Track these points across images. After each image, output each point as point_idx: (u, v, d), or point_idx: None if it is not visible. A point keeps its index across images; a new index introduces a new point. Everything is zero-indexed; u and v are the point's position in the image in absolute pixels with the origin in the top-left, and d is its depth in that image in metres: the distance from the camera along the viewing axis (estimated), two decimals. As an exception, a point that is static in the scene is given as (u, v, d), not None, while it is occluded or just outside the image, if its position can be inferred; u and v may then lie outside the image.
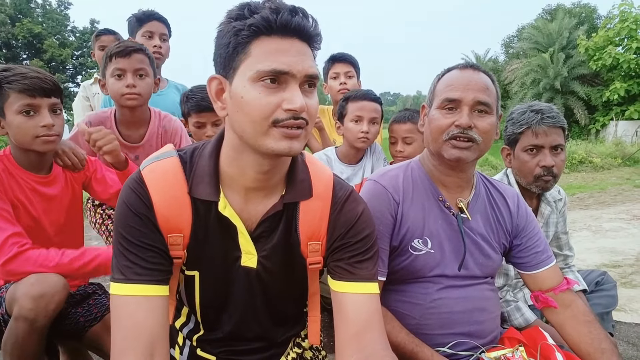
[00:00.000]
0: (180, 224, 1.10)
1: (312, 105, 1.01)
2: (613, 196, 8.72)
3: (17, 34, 32.64)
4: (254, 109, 0.97)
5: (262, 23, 0.95)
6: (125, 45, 2.06)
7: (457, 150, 1.36)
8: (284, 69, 0.95)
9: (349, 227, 1.17)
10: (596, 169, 13.41)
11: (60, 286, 1.47)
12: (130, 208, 1.06)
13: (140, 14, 2.78)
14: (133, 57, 2.05)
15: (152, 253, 1.07)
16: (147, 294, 1.03)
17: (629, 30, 19.69)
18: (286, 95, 0.97)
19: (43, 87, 1.62)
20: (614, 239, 5.37)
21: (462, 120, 1.34)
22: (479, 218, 1.49)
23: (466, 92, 1.36)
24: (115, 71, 2.04)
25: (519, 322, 1.80)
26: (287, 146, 0.99)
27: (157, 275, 1.06)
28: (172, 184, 1.09)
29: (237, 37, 0.97)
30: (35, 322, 1.40)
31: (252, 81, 0.97)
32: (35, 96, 1.61)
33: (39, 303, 1.39)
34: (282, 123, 0.97)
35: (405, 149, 2.47)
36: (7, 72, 1.62)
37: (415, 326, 1.42)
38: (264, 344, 1.29)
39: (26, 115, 1.61)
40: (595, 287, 2.15)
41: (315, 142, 3.04)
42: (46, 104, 1.64)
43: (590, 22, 26.55)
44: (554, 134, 1.82)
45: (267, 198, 1.14)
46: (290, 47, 0.97)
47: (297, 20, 0.96)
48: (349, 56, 3.07)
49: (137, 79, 2.06)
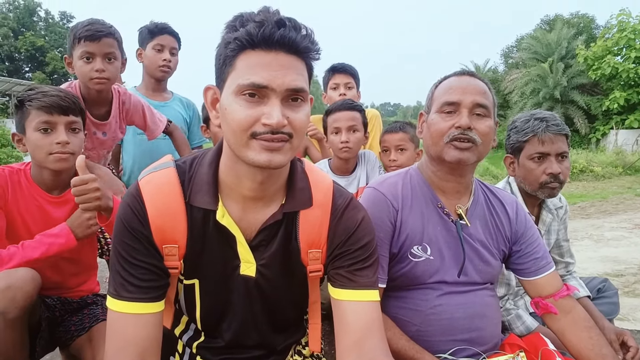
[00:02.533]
0: (176, 234, 1.11)
1: (297, 119, 1.01)
2: (614, 205, 8.71)
3: (19, 47, 32.94)
4: (234, 120, 0.99)
5: (246, 37, 0.96)
6: (95, 30, 2.02)
7: (458, 151, 1.37)
8: (262, 83, 0.97)
9: (349, 235, 1.17)
10: (597, 178, 13.41)
11: (28, 277, 1.45)
12: (124, 224, 1.09)
13: (153, 26, 2.79)
14: (103, 42, 2.03)
15: (143, 270, 1.09)
16: (137, 312, 1.07)
17: (628, 39, 19.77)
18: (265, 110, 0.98)
19: (61, 104, 1.64)
20: (616, 248, 5.36)
21: (462, 121, 1.36)
22: (478, 224, 1.50)
23: (465, 95, 1.38)
24: (84, 54, 2.03)
25: (520, 330, 1.79)
26: (267, 158, 1.00)
27: (149, 293, 1.09)
28: (167, 195, 1.10)
29: (226, 50, 1.00)
30: (5, 314, 1.38)
31: (234, 94, 0.99)
32: (52, 113, 1.63)
33: (5, 294, 1.38)
34: (260, 137, 0.98)
35: (398, 158, 2.49)
36: (31, 91, 1.66)
37: (416, 333, 1.42)
38: (264, 351, 1.29)
39: (43, 133, 1.63)
40: (597, 295, 2.15)
41: (315, 152, 3.06)
42: (63, 121, 1.65)
43: (589, 32, 26.68)
44: (559, 141, 1.83)
45: (267, 207, 1.15)
46: (273, 60, 0.97)
47: (281, 33, 0.96)
48: (349, 67, 3.09)
49: (106, 62, 2.05)
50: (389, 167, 2.51)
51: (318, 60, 1.06)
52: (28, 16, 35.26)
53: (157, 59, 2.77)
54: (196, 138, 3.07)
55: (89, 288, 1.91)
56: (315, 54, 1.04)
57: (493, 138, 1.43)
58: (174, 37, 2.83)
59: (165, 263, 1.13)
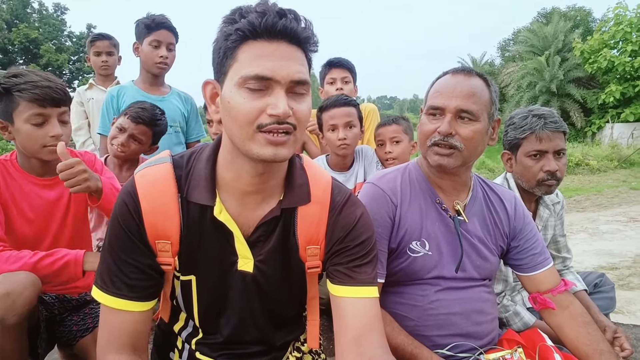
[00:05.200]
0: (168, 230, 1.10)
1: (300, 110, 1.01)
2: (610, 198, 8.75)
3: (13, 39, 32.58)
4: (239, 113, 0.97)
5: (248, 27, 0.95)
6: (140, 115, 2.25)
7: (439, 157, 1.38)
8: (266, 75, 0.95)
9: (347, 231, 1.17)
10: (592, 172, 13.46)
11: (28, 283, 1.43)
12: (118, 221, 1.09)
13: (150, 21, 2.73)
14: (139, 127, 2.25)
15: (133, 269, 1.10)
16: (123, 309, 1.10)
17: (624, 33, 19.78)
18: (271, 101, 0.97)
19: (54, 97, 1.61)
20: (611, 242, 5.38)
21: (442, 127, 1.36)
22: (475, 220, 1.50)
23: (449, 99, 1.37)
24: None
25: (518, 326, 1.80)
26: (272, 152, 0.99)
27: (136, 292, 1.11)
28: (160, 190, 1.09)
29: (226, 42, 0.98)
30: (4, 320, 1.37)
31: (237, 86, 0.97)
32: (45, 106, 1.60)
33: (5, 301, 1.37)
34: (266, 128, 0.97)
35: (394, 150, 2.49)
36: (17, 78, 1.59)
37: (414, 328, 1.43)
38: (262, 347, 1.28)
39: (36, 125, 1.60)
40: (594, 289, 2.16)
41: (313, 147, 3.05)
42: (56, 113, 1.63)
43: (586, 25, 26.67)
44: (557, 138, 1.82)
45: (265, 202, 1.15)
46: (275, 50, 0.96)
47: (284, 22, 0.95)
48: (346, 61, 3.08)
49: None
50: (385, 161, 2.51)
51: (316, 53, 1.05)
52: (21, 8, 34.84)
53: (153, 56, 2.75)
54: (194, 132, 3.06)
55: (86, 284, 1.90)
56: (314, 46, 1.03)
57: (483, 138, 1.41)
58: (171, 32, 2.79)
59: (158, 259, 1.13)
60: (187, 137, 3.02)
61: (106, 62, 3.49)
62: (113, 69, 3.56)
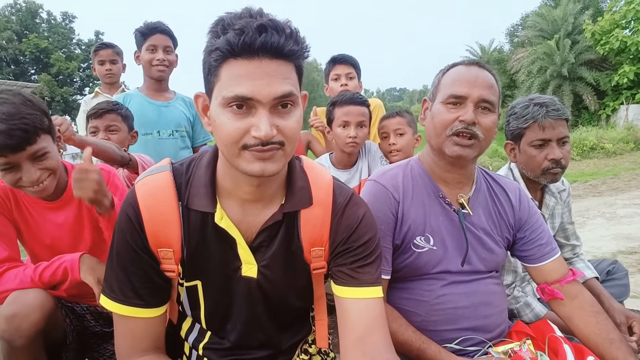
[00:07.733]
0: (169, 239, 1.12)
1: (287, 126, 0.99)
2: (627, 182, 8.60)
3: (24, 49, 33.09)
4: (224, 133, 0.98)
5: (226, 47, 0.93)
6: (98, 108, 2.37)
7: (459, 147, 1.37)
8: (246, 95, 0.94)
9: (350, 232, 1.17)
10: (608, 155, 13.24)
11: (36, 305, 1.40)
12: (122, 233, 1.11)
13: (144, 28, 2.79)
14: (105, 117, 2.34)
15: (140, 278, 1.12)
16: (134, 315, 1.12)
17: (636, 12, 19.27)
18: (254, 121, 0.96)
19: (9, 144, 1.38)
20: (629, 225, 5.30)
21: (467, 116, 1.34)
22: (480, 213, 1.49)
23: (472, 88, 1.36)
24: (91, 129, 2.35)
25: (529, 317, 1.79)
26: (260, 168, 0.99)
27: (146, 299, 1.13)
28: (160, 199, 1.10)
29: (209, 58, 0.97)
30: (12, 342, 1.36)
31: (221, 106, 0.97)
32: (6, 155, 1.41)
33: (10, 324, 1.36)
34: (251, 148, 0.97)
35: (397, 141, 2.48)
36: None
37: (421, 323, 1.43)
38: (269, 351, 1.29)
39: (3, 171, 1.45)
40: (607, 277, 2.13)
41: (319, 147, 3.05)
42: (24, 157, 1.44)
43: (595, 6, 26.08)
44: (560, 126, 1.80)
45: (266, 208, 1.15)
46: (256, 69, 0.94)
47: (263, 39, 0.92)
48: (350, 57, 3.07)
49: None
50: (389, 153, 2.51)
51: (307, 59, 1.03)
52: (30, 18, 35.35)
53: (151, 59, 2.79)
54: (200, 136, 3.09)
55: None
56: (302, 54, 1.00)
57: (496, 132, 1.42)
58: (166, 35, 2.82)
59: (162, 267, 1.14)
60: (193, 141, 3.05)
61: (110, 70, 3.54)
62: (117, 76, 3.61)
